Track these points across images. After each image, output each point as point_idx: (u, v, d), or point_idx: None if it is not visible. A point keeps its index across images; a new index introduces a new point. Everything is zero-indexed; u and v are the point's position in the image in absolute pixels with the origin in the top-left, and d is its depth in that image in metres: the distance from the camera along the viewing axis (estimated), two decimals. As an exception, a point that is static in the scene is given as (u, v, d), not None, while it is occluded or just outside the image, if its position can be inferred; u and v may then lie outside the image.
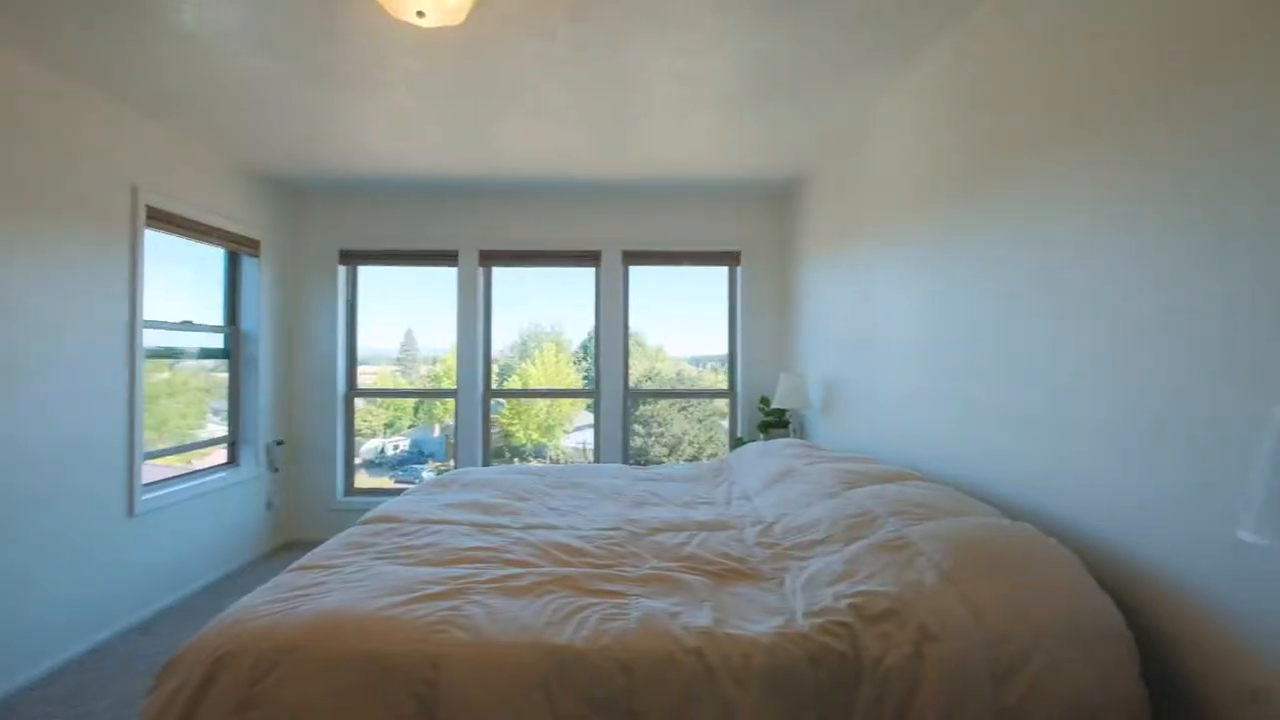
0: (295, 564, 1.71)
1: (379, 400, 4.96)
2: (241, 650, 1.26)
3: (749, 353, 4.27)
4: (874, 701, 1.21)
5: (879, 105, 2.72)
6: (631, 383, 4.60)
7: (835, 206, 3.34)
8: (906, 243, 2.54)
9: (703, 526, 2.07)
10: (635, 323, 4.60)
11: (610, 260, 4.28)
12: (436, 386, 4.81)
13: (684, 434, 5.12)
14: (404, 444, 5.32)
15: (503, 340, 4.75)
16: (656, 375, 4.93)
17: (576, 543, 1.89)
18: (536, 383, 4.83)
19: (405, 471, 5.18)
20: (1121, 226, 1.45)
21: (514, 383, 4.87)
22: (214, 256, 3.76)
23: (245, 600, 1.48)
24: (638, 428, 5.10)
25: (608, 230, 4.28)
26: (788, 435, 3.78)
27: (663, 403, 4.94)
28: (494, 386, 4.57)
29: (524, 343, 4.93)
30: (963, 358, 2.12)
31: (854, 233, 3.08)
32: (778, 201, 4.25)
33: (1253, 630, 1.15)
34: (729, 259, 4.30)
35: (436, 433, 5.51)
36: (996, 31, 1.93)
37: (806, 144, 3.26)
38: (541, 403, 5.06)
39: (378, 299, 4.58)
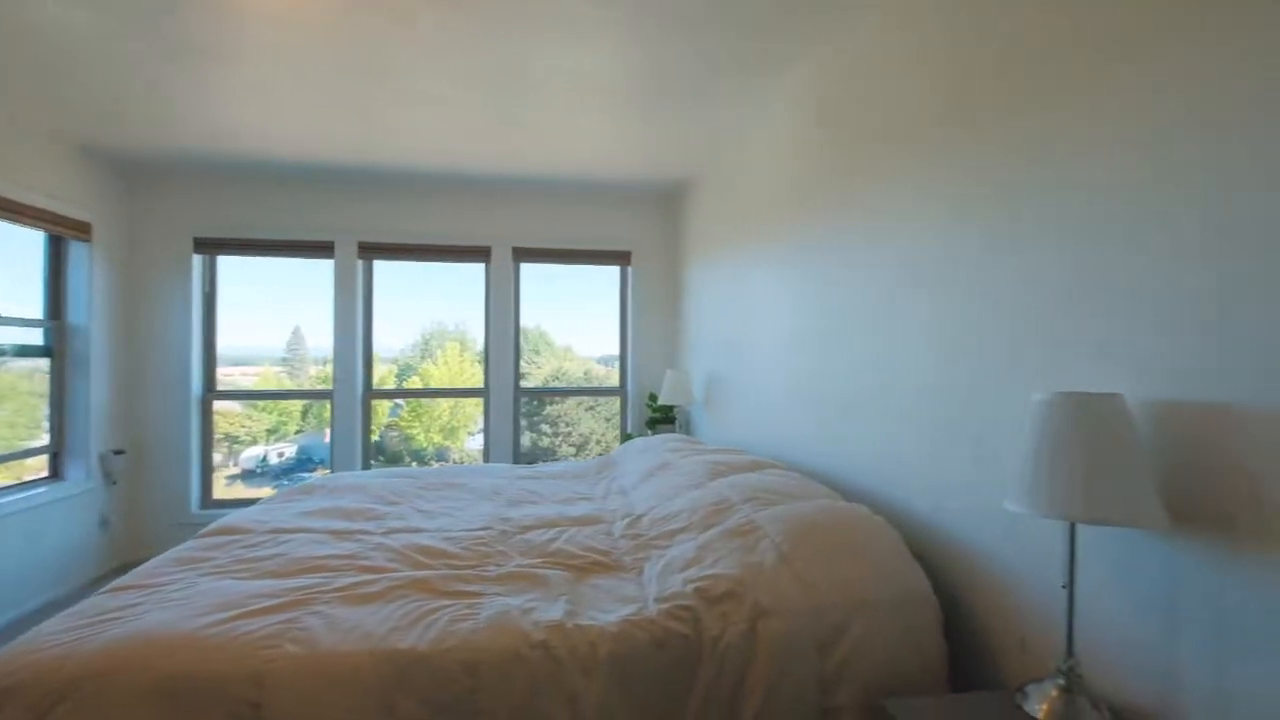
0: (109, 585, 1.53)
1: (260, 404, 4.56)
2: (22, 686, 1.11)
3: (639, 351, 4.36)
4: (713, 679, 1.29)
5: (756, 113, 2.86)
6: (538, 382, 4.53)
7: (718, 210, 3.49)
8: (774, 247, 2.71)
9: (575, 522, 2.09)
10: (543, 322, 4.55)
11: (500, 256, 4.19)
12: (321, 388, 4.48)
13: (591, 433, 5.11)
14: (290, 451, 4.91)
15: (403, 339, 4.54)
16: (564, 374, 4.89)
17: (441, 545, 1.84)
18: (439, 383, 4.64)
19: (291, 481, 4.77)
20: (939, 236, 1.63)
21: (414, 383, 4.66)
22: (34, 241, 3.27)
23: (39, 628, 1.31)
24: (545, 428, 5.04)
25: (498, 225, 4.19)
26: (674, 431, 3.90)
27: (570, 402, 4.91)
28: (393, 386, 4.34)
29: (426, 342, 4.72)
30: (816, 355, 2.29)
31: (732, 236, 3.23)
32: (668, 203, 4.36)
33: (1021, 587, 1.33)
34: (620, 258, 4.36)
35: (327, 438, 5.14)
36: (851, 52, 2.11)
37: (692, 147, 3.36)
38: (444, 404, 4.86)
39: (258, 294, 4.22)
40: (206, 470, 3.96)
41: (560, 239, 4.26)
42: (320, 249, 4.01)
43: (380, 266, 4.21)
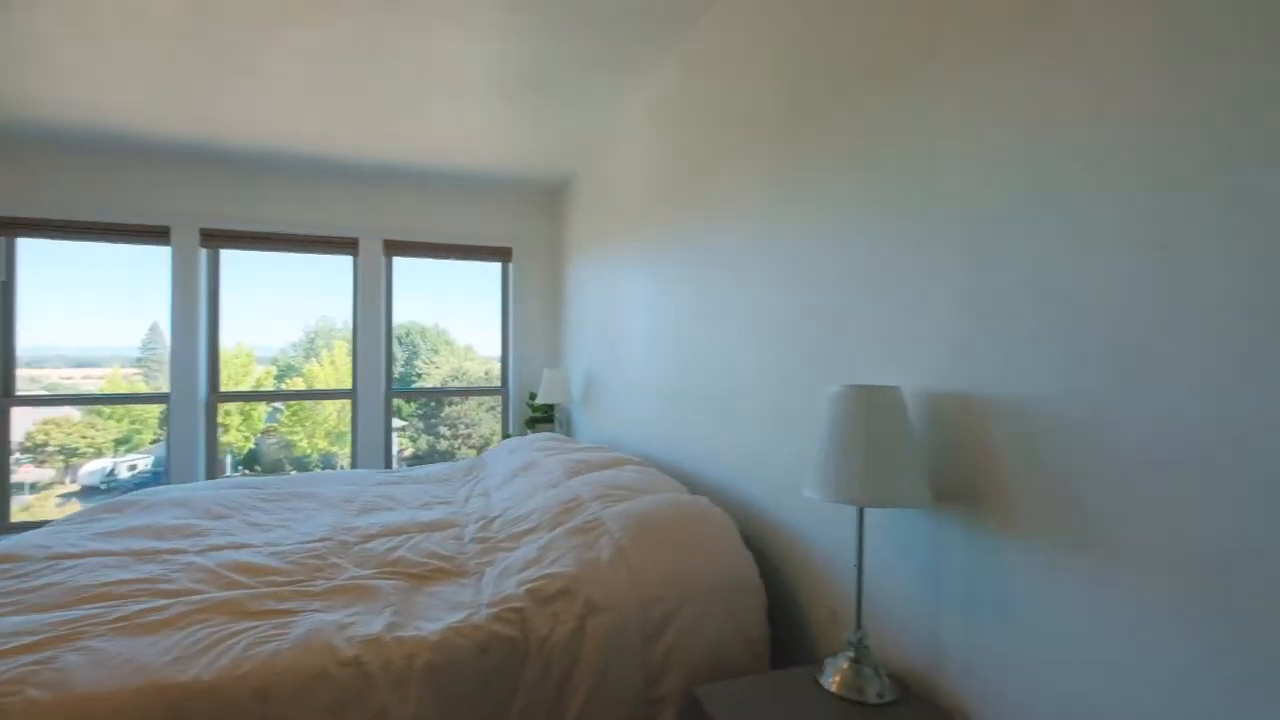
0: None
1: (105, 411, 3.99)
2: None
3: (521, 349, 4.27)
4: (538, 679, 1.27)
5: (625, 112, 2.89)
6: (437, 382, 4.32)
7: (595, 208, 3.49)
8: (638, 246, 2.74)
9: (425, 528, 2.00)
10: (441, 320, 4.36)
11: (370, 249, 3.94)
12: (153, 391, 3.98)
13: (493, 434, 4.95)
14: (145, 463, 4.33)
15: (284, 337, 4.17)
16: (464, 374, 4.70)
17: (267, 561, 1.68)
18: (323, 384, 4.29)
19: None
20: (770, 240, 1.72)
21: (296, 384, 4.30)
22: None
23: None
24: (444, 430, 4.83)
25: (367, 216, 3.93)
26: (553, 430, 3.86)
27: (471, 402, 4.74)
28: (271, 388, 3.95)
29: (310, 340, 4.34)
30: (674, 353, 2.34)
31: (607, 235, 3.25)
32: (549, 199, 4.30)
33: (833, 568, 1.43)
34: (501, 254, 4.24)
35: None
36: (694, 63, 2.17)
37: (571, 144, 3.34)
38: (330, 406, 4.50)
39: (107, 287, 3.72)
40: (1, 488, 3.39)
41: (436, 233, 4.07)
42: (152, 235, 3.56)
43: (254, 258, 3.83)
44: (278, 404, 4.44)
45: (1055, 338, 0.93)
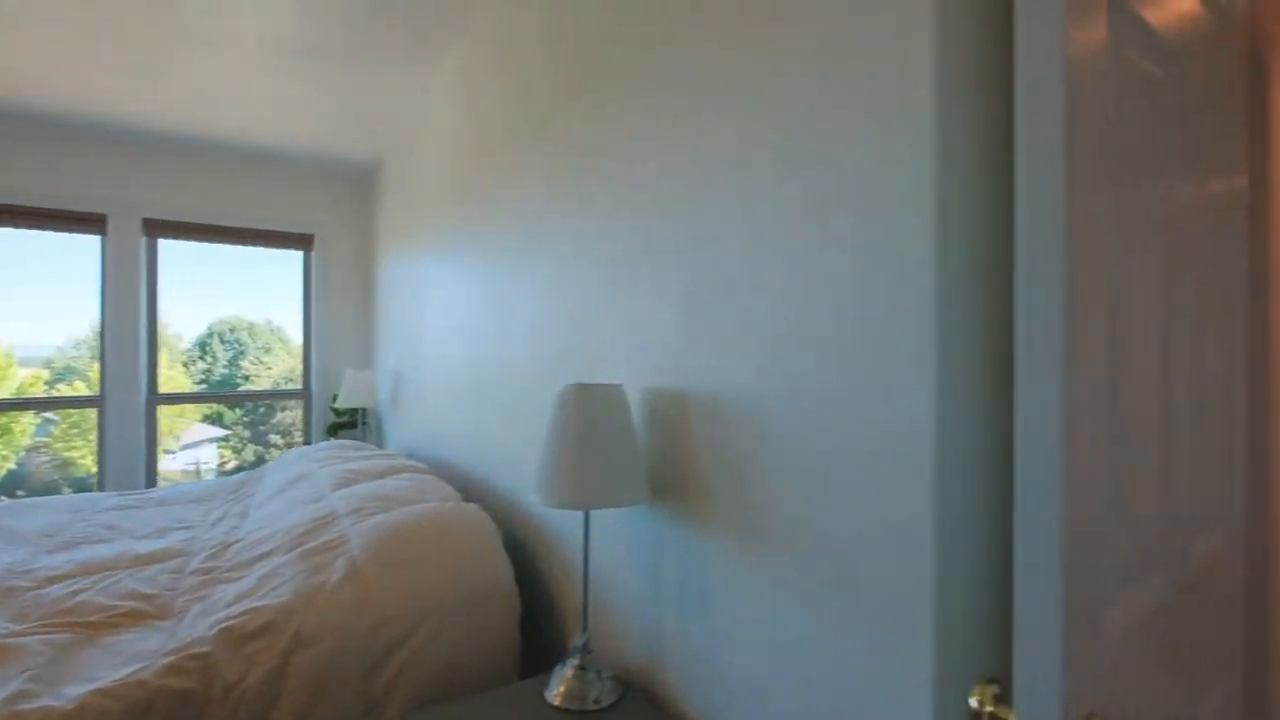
0: None
1: None
2: None
3: (325, 347, 3.85)
4: (220, 735, 1.08)
5: (424, 97, 2.68)
6: (269, 384, 3.71)
7: (400, 197, 3.23)
8: (436, 241, 2.57)
9: (140, 561, 1.67)
10: (276, 316, 3.81)
11: (123, 229, 3.30)
12: None
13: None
14: None
15: (64, 333, 3.40)
16: (298, 375, 4.14)
17: None
18: None
19: None
20: (538, 240, 1.66)
21: (78, 389, 3.55)
22: None
23: None
24: (276, 438, 4.23)
25: (120, 189, 3.28)
26: (355, 436, 3.53)
27: None
28: (44, 395, 3.13)
29: (100, 338, 3.54)
30: (464, 353, 2.21)
31: (410, 226, 3.02)
32: (358, 186, 3.92)
33: (578, 567, 1.40)
34: (300, 242, 3.79)
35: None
36: (474, 54, 2.05)
37: (376, 128, 3.05)
38: None
39: None
40: None
41: (217, 214, 3.51)
42: None
43: (17, 239, 3.06)
44: (50, 415, 3.66)
45: (732, 341, 0.96)
